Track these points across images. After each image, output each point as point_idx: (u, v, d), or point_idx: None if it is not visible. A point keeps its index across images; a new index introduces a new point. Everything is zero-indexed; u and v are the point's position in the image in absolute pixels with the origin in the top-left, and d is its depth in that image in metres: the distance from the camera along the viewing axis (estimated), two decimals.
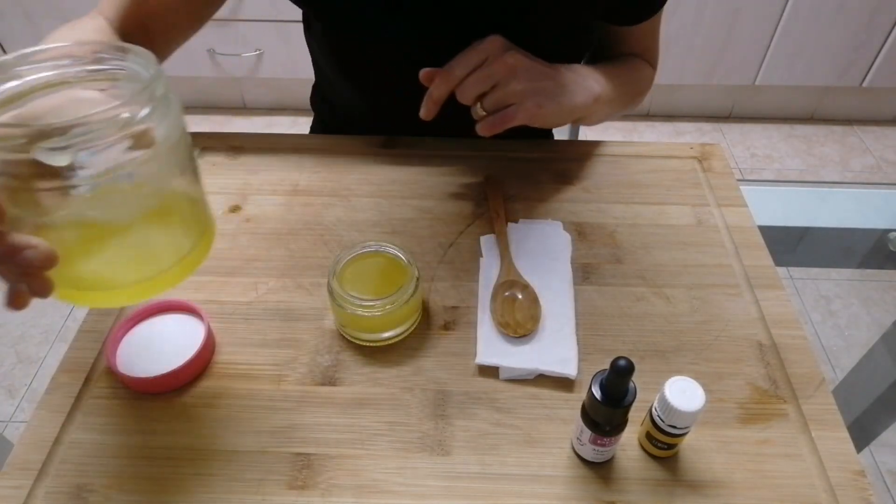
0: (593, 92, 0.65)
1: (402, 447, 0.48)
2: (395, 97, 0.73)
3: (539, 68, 0.60)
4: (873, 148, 2.13)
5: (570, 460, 0.48)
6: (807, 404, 0.51)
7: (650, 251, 0.63)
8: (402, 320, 0.54)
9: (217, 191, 0.69)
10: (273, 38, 1.95)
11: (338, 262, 0.54)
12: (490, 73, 0.58)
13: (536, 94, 0.59)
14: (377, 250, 0.55)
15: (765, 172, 2.05)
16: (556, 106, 0.61)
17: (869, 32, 1.91)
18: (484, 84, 0.58)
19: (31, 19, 1.97)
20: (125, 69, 0.40)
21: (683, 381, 0.44)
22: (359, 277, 0.54)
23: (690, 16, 1.89)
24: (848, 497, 0.46)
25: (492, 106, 0.59)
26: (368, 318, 0.51)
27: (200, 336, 0.52)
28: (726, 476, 0.47)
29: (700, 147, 0.76)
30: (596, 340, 0.55)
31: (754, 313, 0.58)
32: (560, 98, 0.61)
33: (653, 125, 2.21)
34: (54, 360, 1.51)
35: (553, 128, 0.77)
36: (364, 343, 0.54)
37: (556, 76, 0.62)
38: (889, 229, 0.87)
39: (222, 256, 0.62)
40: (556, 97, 0.61)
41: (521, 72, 0.59)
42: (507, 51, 0.59)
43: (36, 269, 0.34)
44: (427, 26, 0.66)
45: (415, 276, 0.53)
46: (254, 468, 0.47)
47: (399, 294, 0.51)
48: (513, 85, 0.58)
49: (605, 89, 0.67)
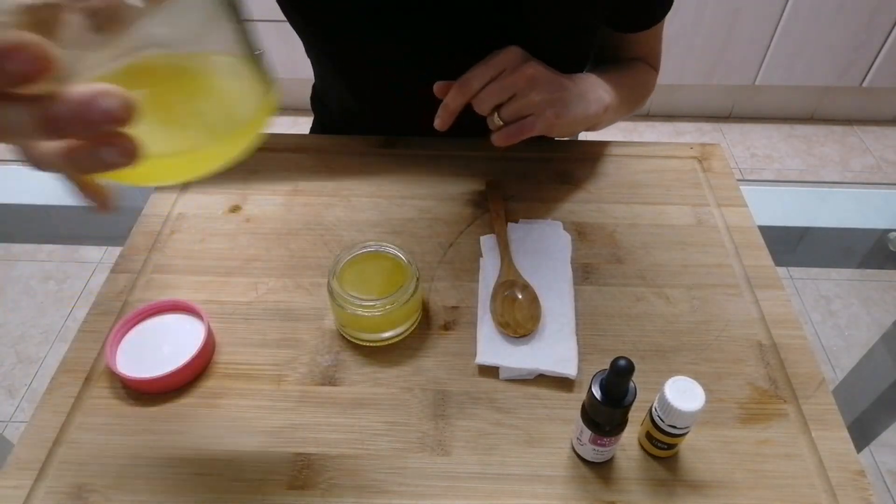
0: (604, 102, 0.65)
1: (402, 447, 0.48)
2: (394, 99, 0.73)
3: (557, 79, 0.60)
4: (873, 148, 2.13)
5: (570, 460, 0.48)
6: (807, 404, 0.51)
7: (650, 251, 0.63)
8: (402, 320, 0.54)
9: (217, 191, 0.69)
10: (273, 38, 1.95)
11: (338, 263, 0.54)
12: (510, 84, 0.58)
13: (554, 104, 0.59)
14: (377, 250, 0.55)
15: (765, 172, 2.05)
16: (573, 116, 0.61)
17: (869, 32, 1.91)
18: (502, 94, 0.58)
19: None
20: None
21: (683, 381, 0.44)
22: (359, 277, 0.54)
23: (690, 16, 1.89)
24: (848, 497, 0.46)
25: (510, 116, 0.59)
26: (368, 318, 0.51)
27: (200, 336, 0.52)
28: (726, 476, 0.47)
29: (700, 147, 0.76)
30: (596, 340, 0.55)
31: (754, 313, 0.58)
32: (576, 108, 0.61)
33: (653, 125, 2.21)
34: (54, 360, 1.51)
35: (566, 137, 0.78)
36: (364, 343, 0.54)
37: (572, 87, 0.62)
38: (889, 229, 0.87)
39: (222, 256, 0.62)
40: (572, 107, 0.61)
41: (540, 83, 0.58)
42: (526, 62, 0.59)
43: (116, 124, 0.25)
44: (424, 28, 0.66)
45: (415, 276, 0.53)
46: (254, 468, 0.47)
47: (399, 294, 0.51)
48: (531, 95, 0.58)
49: (613, 98, 0.68)
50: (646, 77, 0.77)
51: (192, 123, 0.33)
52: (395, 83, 0.71)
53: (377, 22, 0.65)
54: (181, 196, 0.68)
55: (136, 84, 0.28)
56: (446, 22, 0.65)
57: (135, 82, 0.28)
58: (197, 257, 0.62)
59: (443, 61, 0.61)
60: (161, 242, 0.63)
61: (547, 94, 0.59)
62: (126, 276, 0.60)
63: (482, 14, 0.64)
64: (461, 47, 0.63)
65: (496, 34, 0.63)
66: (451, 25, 0.65)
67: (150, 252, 0.62)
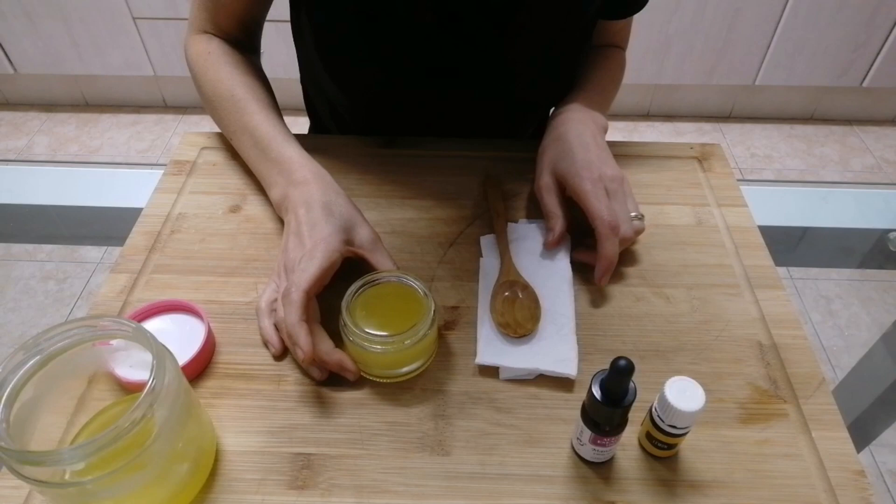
0: (603, 127, 0.67)
1: (402, 447, 0.48)
2: (389, 99, 0.73)
3: (620, 198, 0.59)
4: (873, 148, 2.13)
5: (570, 460, 0.48)
6: (807, 404, 0.51)
7: (650, 251, 0.63)
8: (416, 357, 0.51)
9: (217, 191, 0.69)
10: (273, 38, 1.95)
11: (349, 295, 0.51)
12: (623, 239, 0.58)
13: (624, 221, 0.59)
14: (391, 280, 0.53)
15: (765, 172, 2.05)
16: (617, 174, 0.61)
17: (869, 32, 1.91)
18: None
19: (31, 19, 1.97)
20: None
21: (683, 381, 0.44)
22: (373, 310, 0.52)
23: (690, 16, 1.89)
24: (848, 497, 0.46)
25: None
26: (381, 354, 0.49)
27: (200, 336, 0.52)
28: (726, 476, 0.47)
29: (700, 147, 0.76)
30: (596, 340, 0.55)
31: (754, 313, 0.58)
32: (612, 165, 0.62)
33: (653, 125, 2.21)
34: None
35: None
36: (378, 379, 0.52)
37: (621, 181, 0.60)
38: (889, 229, 0.87)
39: (222, 256, 0.62)
40: (614, 167, 0.61)
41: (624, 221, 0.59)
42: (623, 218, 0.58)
43: (350, 377, 0.52)
44: (418, 27, 0.65)
45: (430, 309, 0.50)
46: (254, 468, 0.47)
47: (413, 330, 0.49)
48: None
49: (605, 114, 0.70)
50: (618, 62, 0.79)
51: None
52: (389, 82, 0.71)
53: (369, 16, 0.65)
54: (181, 196, 0.68)
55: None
56: (440, 16, 0.65)
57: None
58: (197, 257, 0.62)
59: (439, 63, 0.61)
60: (161, 242, 0.63)
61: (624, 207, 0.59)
62: (126, 276, 0.60)
63: (479, 7, 0.64)
64: (458, 47, 0.63)
65: (492, 26, 0.62)
66: (445, 20, 0.65)
67: (150, 252, 0.62)
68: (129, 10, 1.93)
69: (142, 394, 0.37)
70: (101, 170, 1.85)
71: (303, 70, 0.82)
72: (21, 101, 2.29)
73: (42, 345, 0.40)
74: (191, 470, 0.44)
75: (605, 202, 0.58)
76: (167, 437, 0.40)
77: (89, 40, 2.01)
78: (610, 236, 0.57)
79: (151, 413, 0.38)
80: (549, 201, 0.62)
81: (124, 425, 0.36)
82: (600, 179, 0.59)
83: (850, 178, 2.03)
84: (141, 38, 2.00)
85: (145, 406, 0.37)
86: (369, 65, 0.69)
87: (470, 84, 0.71)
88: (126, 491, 0.39)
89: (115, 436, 0.36)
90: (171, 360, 0.41)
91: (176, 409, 0.40)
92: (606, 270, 0.58)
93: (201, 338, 0.52)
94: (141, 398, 0.37)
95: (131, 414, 0.36)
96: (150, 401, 0.38)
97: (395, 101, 0.74)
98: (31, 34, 2.00)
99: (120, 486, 0.38)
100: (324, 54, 0.71)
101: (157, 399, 0.38)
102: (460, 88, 0.72)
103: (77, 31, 1.99)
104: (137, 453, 0.37)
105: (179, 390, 0.40)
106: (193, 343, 0.52)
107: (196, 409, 0.44)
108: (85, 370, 0.50)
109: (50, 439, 0.45)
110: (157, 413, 0.38)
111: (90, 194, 0.92)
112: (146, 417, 0.37)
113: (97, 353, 0.45)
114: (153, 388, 0.38)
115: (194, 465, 0.44)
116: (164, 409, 0.39)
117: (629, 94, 2.17)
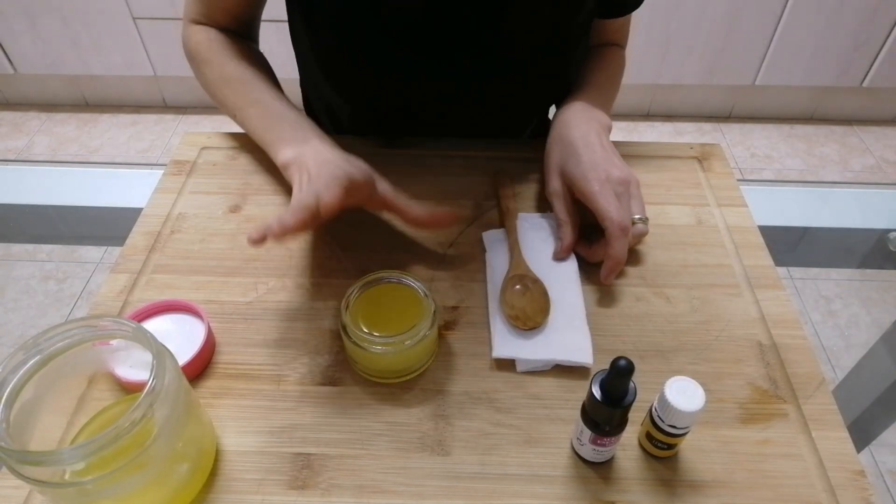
0: (606, 126, 0.67)
1: (402, 447, 0.48)
2: (387, 102, 0.73)
3: (625, 201, 0.60)
4: (873, 148, 2.13)
5: (570, 460, 0.48)
6: (807, 404, 0.51)
7: (650, 251, 0.63)
8: (417, 357, 0.51)
9: (217, 191, 0.69)
10: (273, 39, 1.95)
11: (350, 294, 0.51)
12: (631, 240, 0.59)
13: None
14: (391, 280, 0.53)
15: (765, 172, 2.05)
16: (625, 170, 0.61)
17: (869, 32, 1.91)
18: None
19: (31, 19, 1.97)
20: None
21: (683, 381, 0.44)
22: (373, 311, 0.52)
23: (690, 16, 1.89)
24: (848, 497, 0.46)
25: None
26: (381, 355, 0.49)
27: (200, 336, 0.52)
28: (726, 476, 0.47)
29: (700, 147, 0.76)
30: (596, 340, 0.55)
31: (754, 313, 0.58)
32: (620, 164, 0.62)
33: (653, 125, 2.21)
34: None
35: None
36: (378, 380, 0.52)
37: (627, 184, 0.60)
38: (889, 229, 0.87)
39: (222, 256, 0.62)
40: (624, 170, 0.61)
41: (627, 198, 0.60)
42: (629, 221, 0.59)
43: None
44: (415, 28, 0.65)
45: (431, 310, 0.50)
46: (254, 468, 0.47)
47: (413, 331, 0.49)
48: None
49: (607, 113, 0.70)
50: (618, 61, 0.78)
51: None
52: (386, 83, 0.71)
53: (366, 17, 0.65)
54: (181, 196, 0.68)
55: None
56: (438, 15, 0.65)
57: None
58: (197, 257, 0.62)
59: (436, 61, 0.61)
60: (161, 242, 0.63)
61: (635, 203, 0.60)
62: (126, 276, 0.60)
63: (475, 6, 0.64)
64: (456, 47, 0.63)
65: (488, 24, 0.62)
66: (443, 20, 0.65)
67: (150, 252, 0.62)
68: (129, 10, 1.93)
69: (142, 394, 0.37)
70: (101, 170, 1.85)
71: (301, 72, 0.82)
72: (21, 101, 2.29)
73: (42, 345, 0.40)
74: (191, 470, 0.44)
75: (614, 202, 0.58)
76: (167, 438, 0.40)
77: (89, 40, 2.01)
78: (620, 237, 0.57)
79: (151, 413, 0.38)
80: (559, 208, 0.62)
81: (124, 425, 0.36)
82: (608, 180, 0.59)
83: (850, 178, 2.03)
84: (141, 38, 2.00)
85: (145, 406, 0.37)
86: (365, 68, 0.69)
87: (466, 86, 0.71)
88: (126, 491, 0.39)
89: (115, 436, 0.36)
90: (171, 360, 0.41)
91: (176, 410, 0.40)
92: (613, 270, 0.58)
93: (201, 338, 0.52)
94: (141, 398, 0.37)
95: (131, 414, 0.36)
96: (150, 401, 0.38)
97: (391, 103, 0.74)
98: (31, 34, 2.00)
99: (120, 486, 0.38)
100: (320, 57, 0.71)
101: (157, 399, 0.38)
102: (457, 90, 0.72)
103: (77, 31, 1.99)
104: (137, 453, 0.37)
105: (179, 390, 0.40)
106: (193, 343, 0.52)
107: (196, 409, 0.44)
108: (85, 370, 0.49)
109: (50, 439, 0.45)
110: (157, 413, 0.38)
111: (90, 194, 0.92)
112: (146, 417, 0.37)
113: (97, 353, 0.45)
114: (153, 388, 0.38)
115: (194, 466, 0.45)
116: (164, 409, 0.39)
117: (629, 94, 2.17)
